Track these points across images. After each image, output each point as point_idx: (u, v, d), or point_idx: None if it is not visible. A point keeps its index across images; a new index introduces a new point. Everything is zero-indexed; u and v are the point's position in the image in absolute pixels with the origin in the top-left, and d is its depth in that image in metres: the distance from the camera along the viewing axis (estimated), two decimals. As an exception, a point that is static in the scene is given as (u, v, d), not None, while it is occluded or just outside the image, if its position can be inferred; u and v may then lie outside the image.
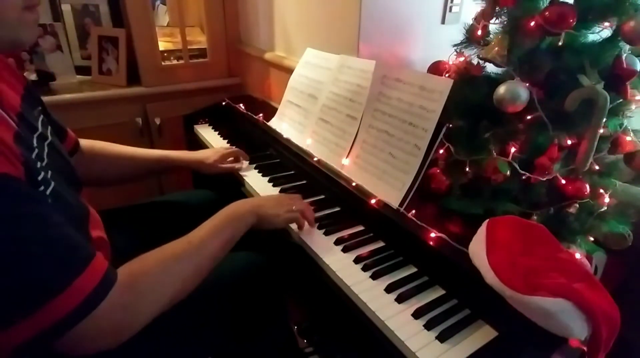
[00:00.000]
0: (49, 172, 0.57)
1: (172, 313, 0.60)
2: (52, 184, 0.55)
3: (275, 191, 1.04)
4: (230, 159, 1.15)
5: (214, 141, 1.38)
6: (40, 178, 0.53)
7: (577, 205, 0.79)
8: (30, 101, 0.70)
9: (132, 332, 0.55)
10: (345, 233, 0.86)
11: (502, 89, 0.75)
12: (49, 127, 0.71)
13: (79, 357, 0.53)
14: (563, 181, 0.78)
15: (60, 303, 0.47)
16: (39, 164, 0.56)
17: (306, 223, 0.86)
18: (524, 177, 0.77)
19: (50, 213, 0.51)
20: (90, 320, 0.49)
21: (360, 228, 0.89)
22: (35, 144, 0.59)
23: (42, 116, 0.71)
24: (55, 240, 0.49)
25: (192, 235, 0.68)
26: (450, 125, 0.84)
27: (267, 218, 0.79)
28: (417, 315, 0.65)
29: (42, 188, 0.53)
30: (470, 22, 0.93)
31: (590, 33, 0.77)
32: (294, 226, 0.86)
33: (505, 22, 0.82)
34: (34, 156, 0.56)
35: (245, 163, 1.17)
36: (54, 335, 0.48)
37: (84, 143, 0.94)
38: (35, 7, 0.58)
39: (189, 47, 1.71)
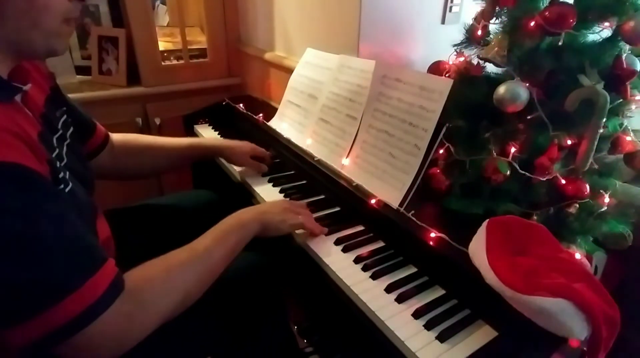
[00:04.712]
0: (67, 172, 0.58)
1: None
2: (70, 184, 0.57)
3: (275, 191, 1.04)
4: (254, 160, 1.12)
5: (214, 141, 1.38)
6: (60, 176, 0.55)
7: (577, 205, 0.79)
8: (54, 102, 0.71)
9: (136, 341, 0.55)
10: (345, 233, 0.86)
11: (502, 89, 0.75)
12: (71, 129, 0.72)
13: None
14: (563, 181, 0.78)
15: (71, 303, 0.47)
16: (58, 164, 0.57)
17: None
18: (524, 177, 0.77)
19: (69, 212, 0.52)
20: (96, 325, 0.49)
21: (360, 228, 0.88)
22: (55, 144, 0.61)
23: (64, 117, 0.73)
24: (73, 239, 0.50)
25: (197, 243, 0.67)
26: (450, 125, 0.84)
27: (272, 224, 0.78)
28: (417, 315, 0.65)
29: (62, 186, 0.55)
30: (470, 22, 0.93)
31: (590, 33, 0.77)
32: (298, 230, 0.85)
33: (505, 22, 0.82)
34: (54, 155, 0.58)
35: (266, 168, 1.13)
36: (61, 337, 0.48)
37: (116, 137, 0.95)
38: (73, 20, 0.60)
39: (189, 47, 1.71)
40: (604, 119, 0.72)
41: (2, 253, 0.44)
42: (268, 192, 1.03)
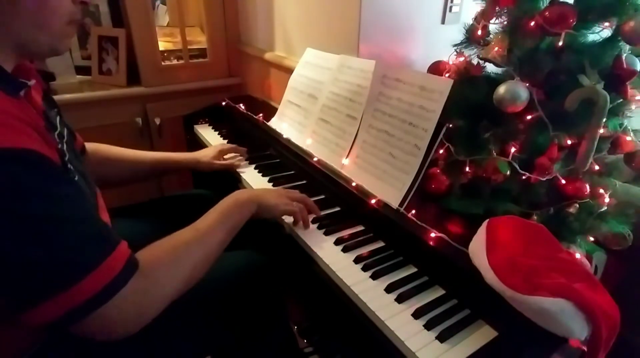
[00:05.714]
0: (71, 166, 0.60)
1: (173, 312, 0.60)
2: (76, 176, 0.60)
3: (275, 191, 1.04)
4: (230, 155, 1.17)
5: (214, 141, 1.38)
6: (69, 166, 0.58)
7: (577, 205, 0.79)
8: (48, 102, 0.73)
9: (151, 316, 0.56)
10: (345, 233, 0.86)
11: (502, 89, 0.75)
12: (65, 128, 0.74)
13: (98, 342, 0.54)
14: (563, 181, 0.78)
15: (90, 281, 0.49)
16: (64, 156, 0.59)
17: (309, 216, 0.87)
18: (524, 177, 0.77)
19: (82, 196, 0.54)
20: (113, 303, 0.51)
21: (360, 228, 0.89)
22: (57, 140, 0.63)
23: (58, 117, 0.74)
24: (89, 221, 0.53)
25: (199, 223, 0.70)
26: (450, 125, 0.84)
27: (266, 207, 0.82)
28: (417, 315, 0.65)
29: (71, 175, 0.58)
30: (470, 22, 0.93)
31: (590, 33, 0.77)
32: (288, 219, 0.88)
33: (505, 22, 0.82)
34: (58, 148, 0.59)
35: (243, 161, 1.17)
36: (80, 315, 0.49)
37: (89, 146, 0.96)
38: (75, 22, 0.61)
39: (189, 47, 1.71)
40: (604, 119, 0.73)
41: (23, 234, 0.46)
42: (268, 192, 1.03)
